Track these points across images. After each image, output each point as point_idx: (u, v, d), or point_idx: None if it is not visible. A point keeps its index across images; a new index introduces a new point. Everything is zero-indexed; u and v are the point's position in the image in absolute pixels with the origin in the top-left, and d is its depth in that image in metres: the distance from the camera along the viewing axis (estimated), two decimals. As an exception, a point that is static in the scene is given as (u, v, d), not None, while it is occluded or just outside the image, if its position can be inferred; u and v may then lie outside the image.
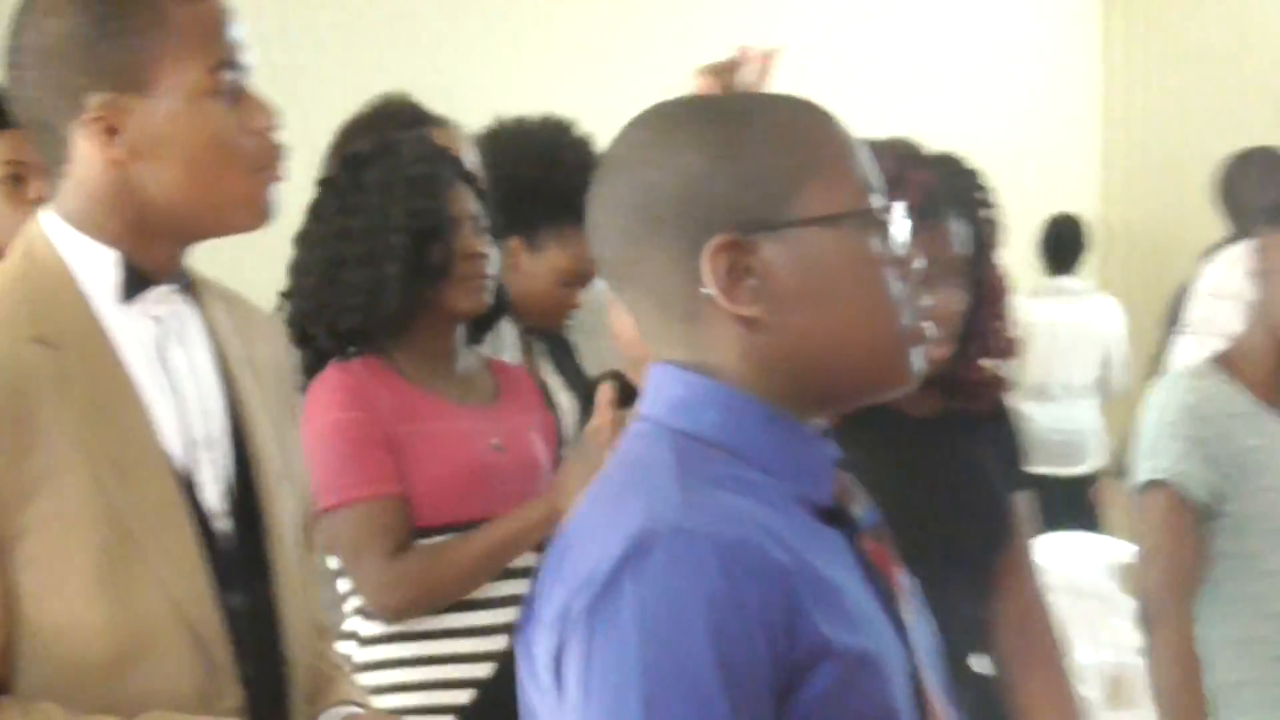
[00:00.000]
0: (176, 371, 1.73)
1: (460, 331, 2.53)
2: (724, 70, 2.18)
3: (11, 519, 1.61)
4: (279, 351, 1.91)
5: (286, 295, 2.57)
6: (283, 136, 1.73)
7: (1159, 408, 2.61)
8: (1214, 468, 2.55)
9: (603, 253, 1.42)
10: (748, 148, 1.38)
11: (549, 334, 3.00)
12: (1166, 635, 2.56)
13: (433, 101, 3.01)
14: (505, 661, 2.31)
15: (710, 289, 1.35)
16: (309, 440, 2.40)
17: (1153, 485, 2.58)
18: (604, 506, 1.36)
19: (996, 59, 6.88)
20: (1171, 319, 3.55)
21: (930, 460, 2.29)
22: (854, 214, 1.37)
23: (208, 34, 1.68)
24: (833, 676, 1.31)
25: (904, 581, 1.47)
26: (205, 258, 1.88)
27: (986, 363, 2.35)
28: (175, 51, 1.66)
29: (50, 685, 1.66)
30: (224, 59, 1.68)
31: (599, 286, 3.05)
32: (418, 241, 2.44)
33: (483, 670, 2.40)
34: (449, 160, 2.55)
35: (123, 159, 1.66)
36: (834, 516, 1.40)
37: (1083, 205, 6.61)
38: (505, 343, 2.81)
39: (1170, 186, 5.41)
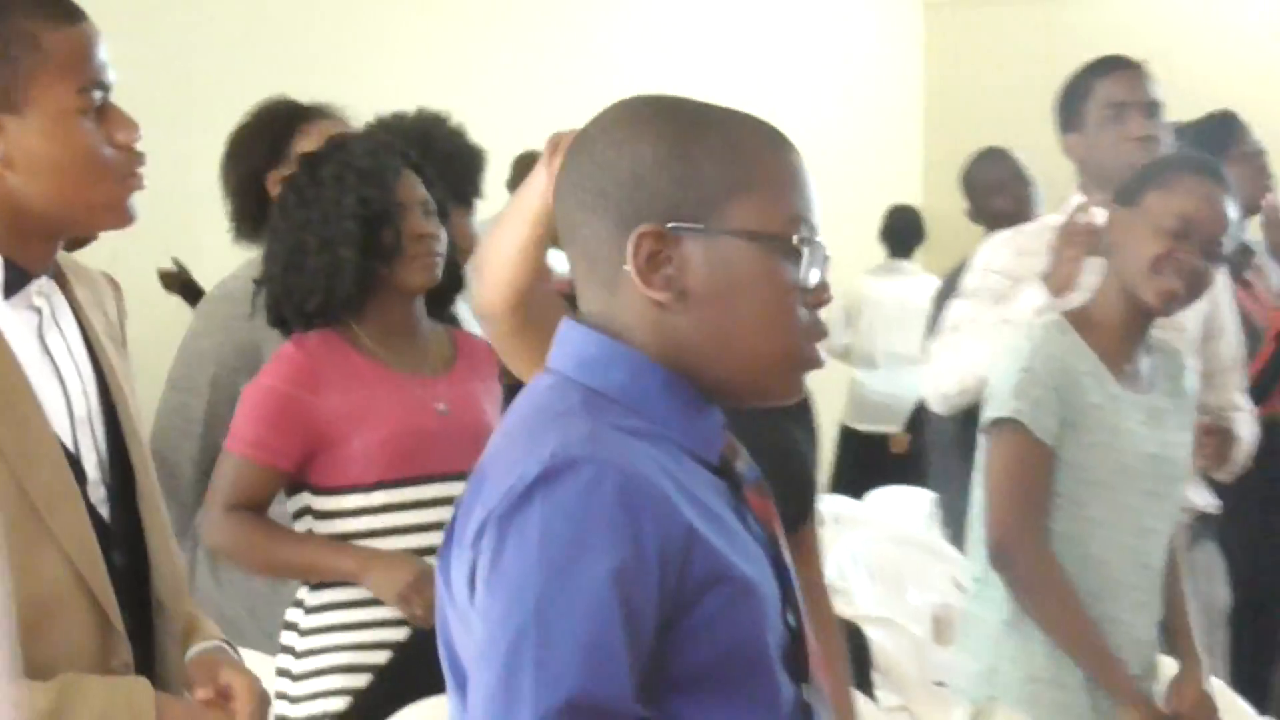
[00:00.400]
0: (57, 356, 1.82)
1: (421, 305, 2.72)
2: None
3: None
4: (120, 311, 1.99)
5: (259, 283, 2.74)
6: (150, 143, 1.85)
7: (1019, 353, 2.70)
8: (1059, 415, 2.66)
9: (559, 211, 1.50)
10: (697, 152, 1.44)
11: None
12: (1029, 571, 2.65)
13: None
14: None
15: (629, 268, 1.42)
16: (245, 392, 2.67)
17: (1005, 423, 2.67)
18: (519, 440, 1.42)
19: (828, 63, 7.30)
20: (949, 288, 3.83)
21: (755, 438, 2.49)
22: (772, 237, 1.43)
23: (78, 58, 1.76)
24: (721, 600, 1.38)
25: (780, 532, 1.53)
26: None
27: None
28: (48, 76, 1.74)
29: None
30: (92, 80, 1.77)
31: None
32: (369, 226, 2.61)
33: None
34: (396, 152, 2.71)
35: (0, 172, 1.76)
36: (721, 472, 1.48)
37: (908, 196, 7.08)
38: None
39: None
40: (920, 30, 7.84)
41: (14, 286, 1.78)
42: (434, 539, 2.54)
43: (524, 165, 4.73)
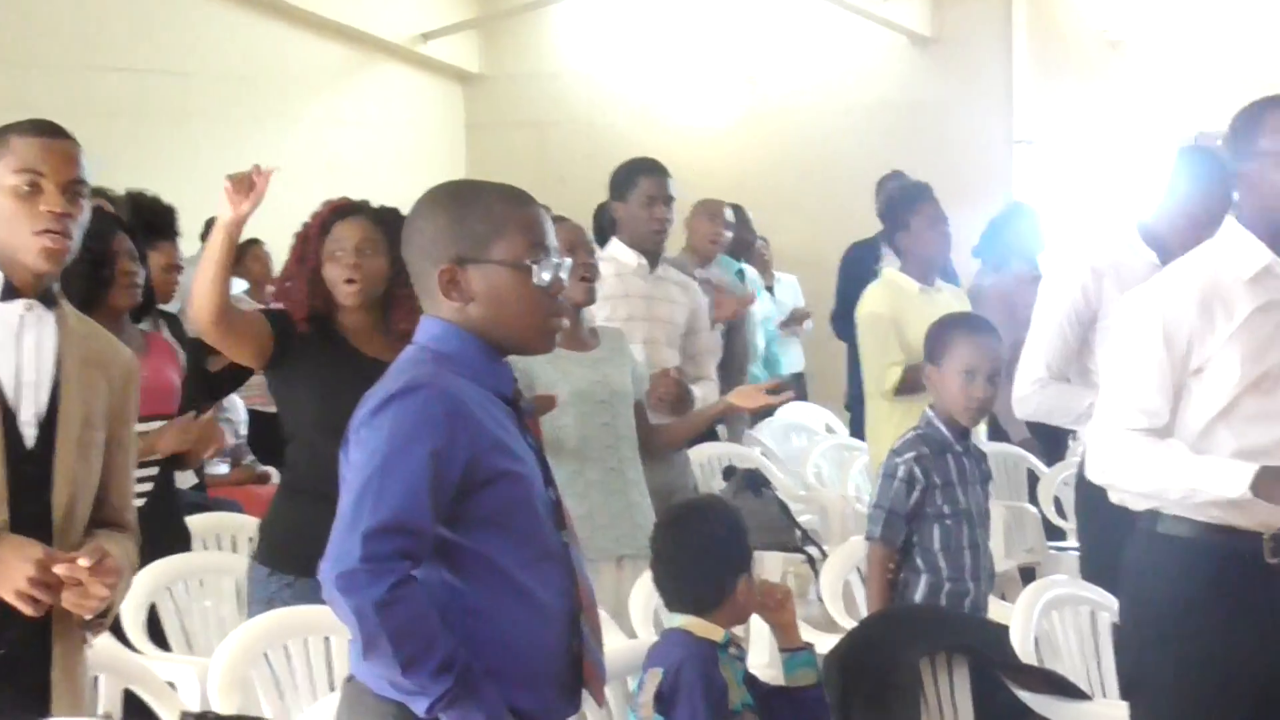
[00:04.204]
0: (23, 345, 2.60)
1: (126, 316, 4.06)
2: (243, 179, 3.36)
3: None
4: (127, 375, 2.71)
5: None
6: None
7: None
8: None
9: (407, 260, 2.25)
10: (469, 216, 2.17)
11: (166, 313, 4.67)
12: None
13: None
14: None
15: (438, 290, 2.17)
16: None
17: None
18: (390, 377, 2.15)
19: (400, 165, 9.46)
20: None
21: None
22: (515, 263, 2.17)
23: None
24: (503, 483, 2.11)
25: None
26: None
27: None
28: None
29: None
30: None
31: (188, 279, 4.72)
32: (93, 267, 3.92)
33: None
34: (115, 221, 4.08)
35: None
36: (511, 404, 2.21)
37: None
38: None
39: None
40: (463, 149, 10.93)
41: (7, 296, 2.64)
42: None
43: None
